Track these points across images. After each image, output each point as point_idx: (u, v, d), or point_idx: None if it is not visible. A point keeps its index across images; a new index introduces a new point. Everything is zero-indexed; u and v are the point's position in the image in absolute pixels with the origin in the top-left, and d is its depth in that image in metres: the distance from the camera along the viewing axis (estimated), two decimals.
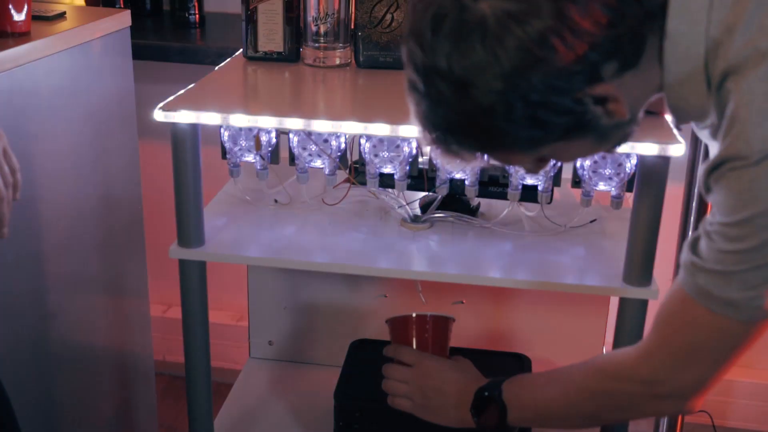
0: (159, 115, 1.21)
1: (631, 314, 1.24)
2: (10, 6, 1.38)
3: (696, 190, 1.86)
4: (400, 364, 1.28)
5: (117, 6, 1.97)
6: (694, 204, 1.88)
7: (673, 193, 1.46)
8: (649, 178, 1.17)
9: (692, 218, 1.88)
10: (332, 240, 1.36)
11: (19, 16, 1.40)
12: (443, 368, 1.23)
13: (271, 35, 1.44)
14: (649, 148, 1.14)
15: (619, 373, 1.03)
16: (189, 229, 1.29)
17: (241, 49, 1.47)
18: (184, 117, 1.21)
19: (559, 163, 1.31)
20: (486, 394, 1.16)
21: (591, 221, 1.43)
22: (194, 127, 1.23)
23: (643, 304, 1.23)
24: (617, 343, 1.27)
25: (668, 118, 1.24)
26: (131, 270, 1.85)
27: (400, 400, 1.25)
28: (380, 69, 1.43)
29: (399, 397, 1.25)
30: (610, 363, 1.07)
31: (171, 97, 1.26)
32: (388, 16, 1.40)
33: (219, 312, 2.37)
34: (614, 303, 1.32)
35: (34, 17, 1.47)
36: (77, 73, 1.56)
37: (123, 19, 1.67)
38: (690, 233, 1.88)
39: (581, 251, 1.35)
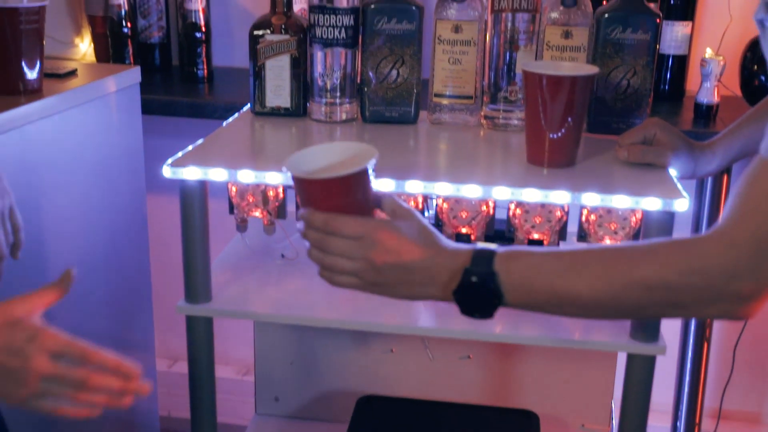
0: (167, 172, 1.22)
1: (639, 370, 1.24)
2: (23, 64, 1.41)
3: None
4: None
5: (127, 62, 2.00)
6: None
7: None
8: (655, 233, 1.17)
9: None
10: (339, 295, 1.35)
11: (31, 74, 1.43)
12: (399, 240, 0.98)
13: (279, 91, 1.46)
14: (653, 203, 1.14)
15: (691, 266, 0.88)
16: (196, 286, 1.29)
17: (249, 104, 1.49)
18: (192, 173, 1.22)
19: (564, 217, 1.32)
20: (474, 279, 0.96)
21: None
22: (202, 183, 1.24)
23: (651, 359, 1.23)
24: (626, 399, 1.26)
25: (672, 172, 1.25)
26: (138, 324, 1.85)
27: (346, 279, 1.01)
28: (386, 124, 1.45)
29: (343, 275, 1.01)
30: (678, 252, 0.90)
31: (179, 153, 1.27)
32: (394, 72, 1.42)
33: (224, 366, 2.36)
34: (622, 357, 1.31)
35: (46, 75, 1.50)
36: (87, 128, 1.58)
37: (133, 75, 1.70)
38: None
39: None
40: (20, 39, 1.38)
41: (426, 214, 1.39)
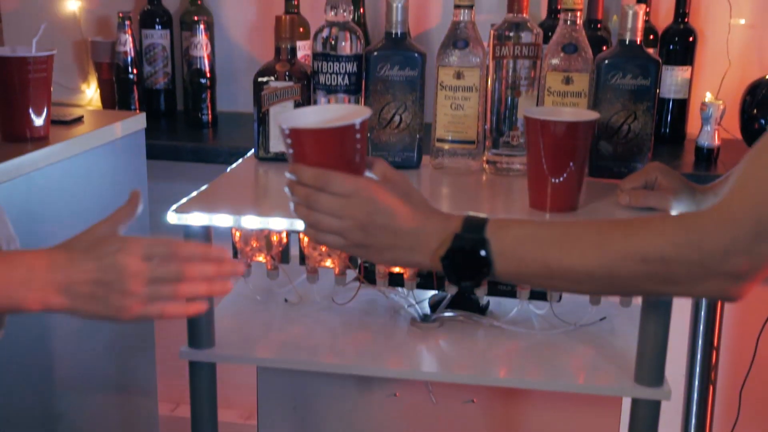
0: (173, 217, 1.23)
1: (644, 415, 1.23)
2: (31, 111, 1.43)
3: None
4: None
5: (132, 108, 2.02)
6: (703, 301, 1.87)
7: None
8: None
9: (702, 315, 1.87)
10: (342, 340, 1.36)
11: (38, 121, 1.44)
12: (389, 201, 0.95)
13: None
14: None
15: (689, 239, 0.86)
16: (200, 331, 1.29)
17: (253, 150, 1.51)
18: (196, 219, 1.22)
19: None
20: (464, 245, 0.93)
21: (601, 319, 1.42)
22: (206, 229, 1.24)
23: (656, 404, 1.22)
24: None
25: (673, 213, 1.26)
26: (140, 368, 1.85)
27: (332, 238, 0.97)
28: None
29: (329, 234, 0.97)
30: (676, 226, 0.89)
31: (184, 199, 1.28)
32: (397, 117, 1.44)
33: (227, 410, 2.34)
34: (627, 401, 1.30)
35: (53, 121, 1.52)
36: (93, 174, 1.59)
37: (138, 121, 1.71)
38: (701, 329, 1.87)
39: (591, 350, 1.34)
40: (28, 87, 1.39)
41: None
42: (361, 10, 1.84)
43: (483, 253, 0.91)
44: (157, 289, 0.90)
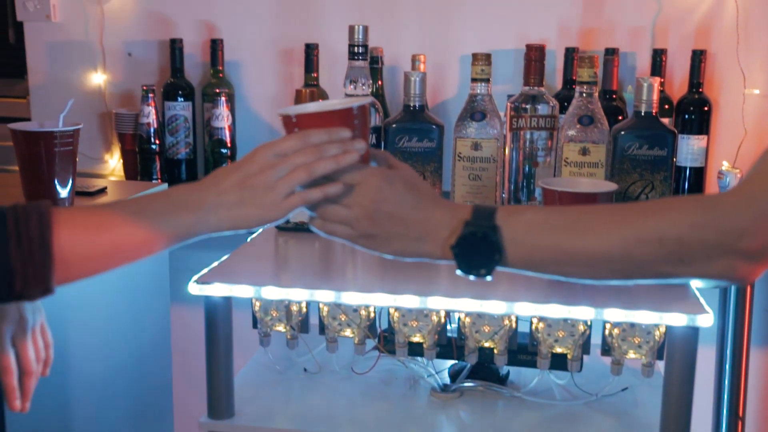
0: (194, 288, 1.24)
1: None
2: (56, 183, 1.45)
3: (728, 353, 1.84)
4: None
5: (154, 179, 2.05)
6: (727, 367, 1.85)
7: (705, 355, 1.45)
8: (679, 348, 1.17)
9: (726, 382, 1.84)
10: (361, 410, 1.35)
11: (63, 193, 1.47)
12: (397, 189, 0.94)
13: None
14: (677, 319, 1.14)
15: (706, 219, 0.85)
16: (219, 402, 1.29)
17: None
18: (217, 290, 1.24)
19: (587, 331, 1.31)
20: (475, 231, 0.90)
21: (623, 389, 1.41)
22: (227, 300, 1.25)
23: None
24: None
25: (695, 284, 1.25)
26: None
27: (339, 228, 0.96)
28: None
29: (336, 224, 0.96)
30: (693, 206, 0.88)
31: (205, 270, 1.29)
32: None
33: None
34: None
35: (77, 193, 1.54)
36: None
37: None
38: (725, 398, 1.84)
39: (613, 422, 1.33)
40: (54, 160, 1.42)
41: (448, 327, 1.39)
42: (380, 83, 1.87)
43: (494, 240, 0.89)
44: (292, 160, 0.92)
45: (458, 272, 0.92)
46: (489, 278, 0.91)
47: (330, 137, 0.94)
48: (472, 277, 0.92)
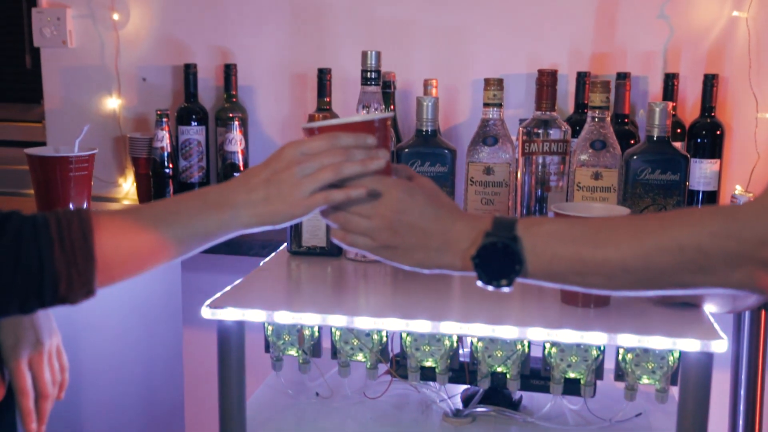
0: (206, 313, 1.24)
1: None
2: (71, 206, 1.46)
3: (743, 378, 1.83)
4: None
5: None
6: (742, 392, 1.84)
7: (720, 379, 1.43)
8: (694, 374, 1.16)
9: (741, 408, 1.83)
10: None
11: None
12: (417, 200, 0.95)
13: (315, 231, 1.49)
14: (691, 344, 1.14)
15: (727, 228, 0.85)
16: (231, 427, 1.28)
17: (285, 244, 1.53)
18: (230, 314, 1.24)
19: (600, 356, 1.31)
20: (495, 242, 0.91)
21: (636, 415, 1.40)
22: (240, 324, 1.25)
23: None
24: None
25: (710, 308, 1.25)
26: None
27: (361, 239, 0.97)
28: None
29: (357, 235, 0.97)
30: (713, 216, 0.87)
31: (218, 294, 1.29)
32: None
33: None
34: None
35: None
36: None
37: None
38: (740, 424, 1.83)
39: None
40: (69, 184, 1.44)
41: (461, 351, 1.39)
42: (392, 107, 1.88)
43: (515, 250, 0.90)
44: (319, 159, 0.94)
45: (479, 283, 0.93)
46: (509, 289, 0.92)
47: (356, 142, 0.96)
48: (492, 288, 0.93)
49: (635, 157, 1.37)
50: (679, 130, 1.84)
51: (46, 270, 0.85)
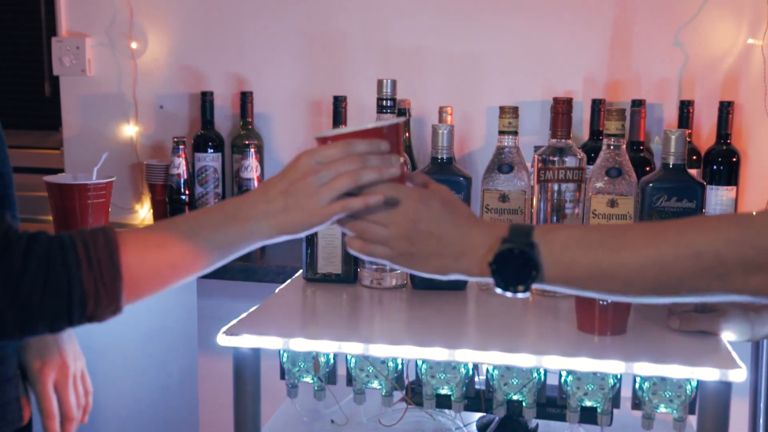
0: (222, 340, 1.24)
1: None
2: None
3: (762, 407, 1.81)
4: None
5: None
6: (761, 421, 1.82)
7: (738, 407, 1.42)
8: (712, 403, 1.15)
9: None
10: None
11: None
12: (434, 208, 0.96)
13: (331, 258, 1.50)
14: (709, 374, 1.13)
15: (744, 235, 0.85)
16: None
17: (301, 270, 1.53)
18: (246, 341, 1.24)
19: (617, 384, 1.30)
20: (512, 248, 0.92)
21: None
22: (256, 351, 1.26)
23: None
24: None
25: (728, 337, 1.24)
26: None
27: (379, 248, 0.98)
28: (435, 290, 1.47)
29: (375, 244, 0.98)
30: (730, 223, 0.88)
31: (234, 321, 1.29)
32: None
33: None
34: None
35: None
36: None
37: None
38: None
39: None
40: (87, 211, 1.45)
41: (476, 379, 1.38)
42: (407, 134, 1.89)
43: (532, 256, 0.90)
44: (335, 167, 0.95)
45: (497, 290, 0.94)
46: (525, 295, 0.93)
47: (371, 148, 0.97)
48: (509, 294, 0.93)
49: (651, 184, 1.37)
50: (694, 157, 1.84)
51: (74, 290, 0.86)
